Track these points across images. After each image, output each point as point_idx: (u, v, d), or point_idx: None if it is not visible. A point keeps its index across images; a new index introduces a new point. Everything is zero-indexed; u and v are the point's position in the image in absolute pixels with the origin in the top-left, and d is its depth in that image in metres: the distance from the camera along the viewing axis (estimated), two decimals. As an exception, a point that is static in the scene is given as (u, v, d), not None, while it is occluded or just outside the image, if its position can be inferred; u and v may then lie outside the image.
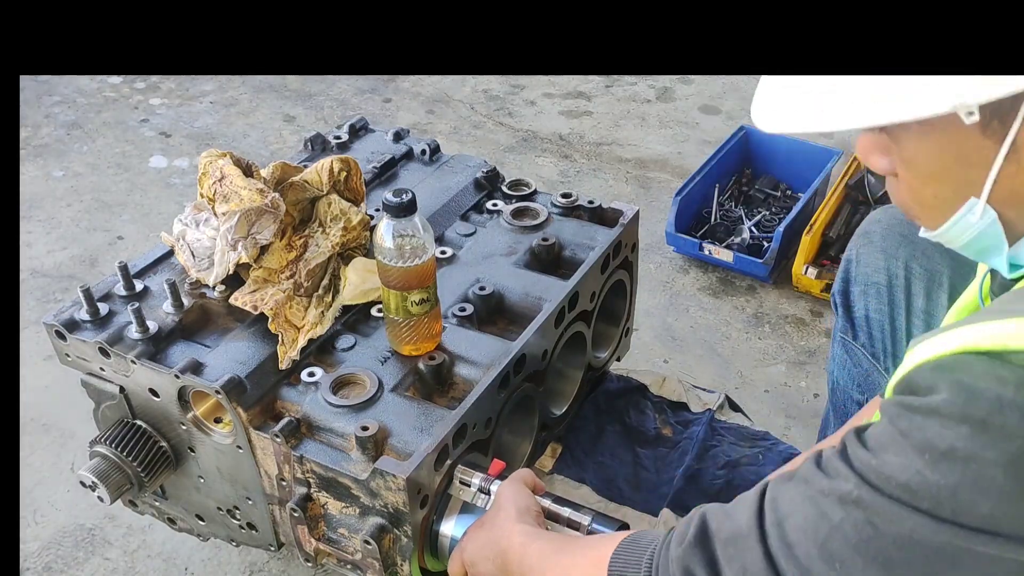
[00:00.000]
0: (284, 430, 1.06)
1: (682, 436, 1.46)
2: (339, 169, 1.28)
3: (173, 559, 1.52)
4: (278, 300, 1.16)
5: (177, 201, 2.47)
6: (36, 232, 2.36)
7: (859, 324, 1.31)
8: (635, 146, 2.74)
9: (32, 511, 1.61)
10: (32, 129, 2.83)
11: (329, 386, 1.10)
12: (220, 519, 1.26)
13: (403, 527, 1.03)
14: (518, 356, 1.15)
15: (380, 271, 1.12)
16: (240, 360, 1.12)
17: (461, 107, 2.98)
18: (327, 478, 1.05)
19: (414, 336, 1.15)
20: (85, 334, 1.17)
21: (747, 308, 2.09)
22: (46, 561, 1.53)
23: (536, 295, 1.26)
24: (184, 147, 2.75)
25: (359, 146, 1.60)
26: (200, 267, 1.23)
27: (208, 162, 1.25)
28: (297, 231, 1.25)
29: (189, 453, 1.19)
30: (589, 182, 2.56)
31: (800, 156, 2.36)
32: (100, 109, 2.95)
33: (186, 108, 2.97)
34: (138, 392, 1.17)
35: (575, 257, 1.35)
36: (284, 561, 1.50)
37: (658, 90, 3.05)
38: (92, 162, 2.67)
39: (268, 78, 3.12)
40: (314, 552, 1.14)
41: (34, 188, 2.54)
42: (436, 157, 1.59)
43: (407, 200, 1.07)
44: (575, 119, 2.89)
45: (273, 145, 2.77)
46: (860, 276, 1.29)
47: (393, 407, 1.09)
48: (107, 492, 1.17)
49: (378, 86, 3.10)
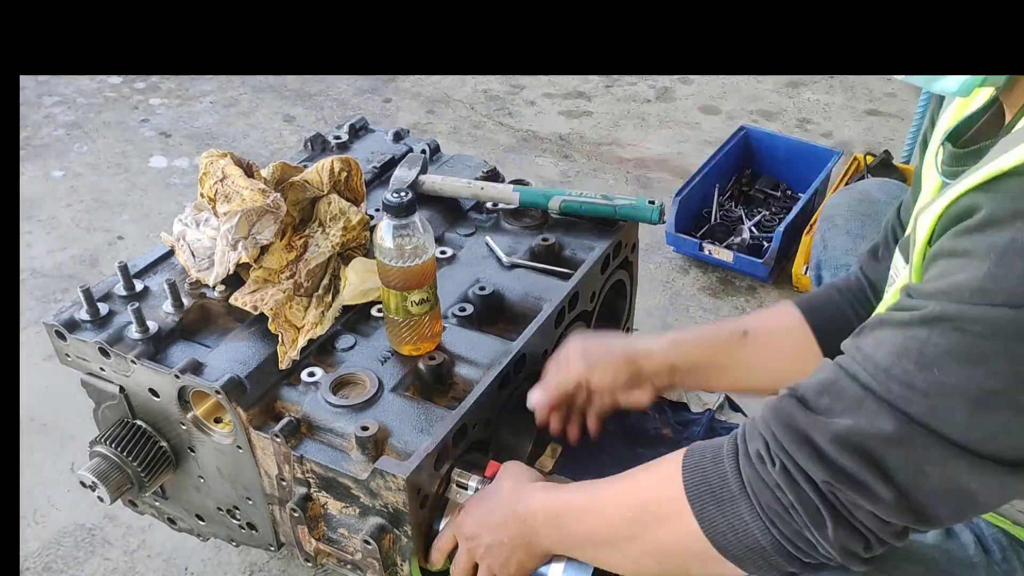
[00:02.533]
0: (284, 430, 1.06)
1: (682, 436, 1.46)
2: (340, 169, 1.28)
3: (173, 559, 1.52)
4: (278, 300, 1.16)
5: (177, 201, 2.47)
6: (36, 232, 2.36)
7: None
8: (635, 146, 2.74)
9: (32, 511, 1.61)
10: (32, 129, 2.83)
11: (329, 386, 1.10)
12: (220, 519, 1.26)
13: (403, 527, 1.03)
14: (518, 356, 1.15)
15: (380, 271, 1.12)
16: (240, 360, 1.12)
17: (461, 107, 2.98)
18: (327, 478, 1.05)
19: (414, 336, 1.15)
20: (85, 334, 1.17)
21: (747, 308, 2.09)
22: (46, 561, 1.53)
23: (536, 295, 1.26)
24: (184, 147, 2.75)
25: (359, 146, 1.60)
26: (200, 267, 1.23)
27: (209, 162, 1.25)
28: (297, 231, 1.25)
29: (189, 453, 1.19)
30: (589, 182, 2.56)
31: (800, 156, 2.36)
32: (100, 109, 2.95)
33: (186, 108, 2.97)
34: (138, 392, 1.17)
35: (575, 257, 1.35)
36: (284, 561, 1.50)
37: (658, 90, 3.05)
38: (92, 162, 2.67)
39: (268, 78, 3.12)
40: (314, 552, 1.14)
41: (34, 188, 2.54)
42: (436, 157, 1.59)
43: (407, 200, 1.07)
44: (575, 119, 2.89)
45: (273, 145, 2.77)
46: (830, 260, 1.31)
47: (393, 407, 1.09)
48: (107, 492, 1.17)
49: (378, 86, 3.10)
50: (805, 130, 2.81)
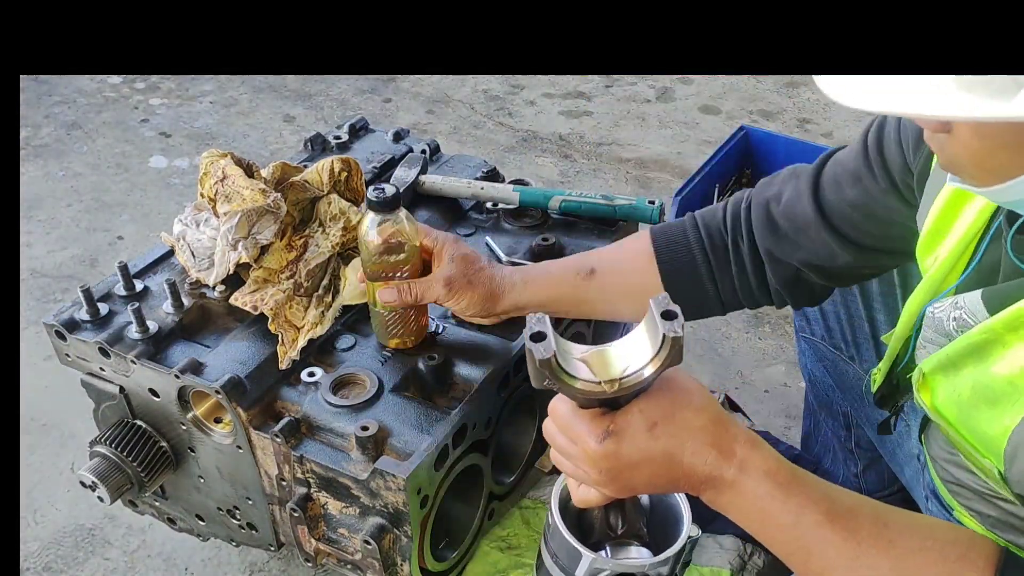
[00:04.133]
0: (284, 430, 1.06)
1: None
2: (340, 169, 1.28)
3: (173, 559, 1.52)
4: (278, 300, 1.16)
5: (177, 201, 2.47)
6: (36, 232, 2.36)
7: (814, 319, 1.32)
8: (635, 146, 2.74)
9: (32, 511, 1.61)
10: (32, 129, 2.83)
11: (329, 386, 1.10)
12: (220, 519, 1.26)
13: (403, 527, 1.03)
14: (518, 356, 1.15)
15: (365, 265, 1.13)
16: (240, 360, 1.12)
17: (461, 107, 2.98)
18: (327, 478, 1.05)
19: (400, 329, 1.15)
20: (85, 334, 1.17)
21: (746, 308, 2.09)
22: (46, 561, 1.53)
23: (536, 295, 1.26)
24: (184, 147, 2.75)
25: (359, 146, 1.60)
26: (200, 267, 1.23)
27: (210, 162, 1.25)
28: (297, 231, 1.25)
29: (189, 453, 1.19)
30: (589, 182, 2.56)
31: (800, 156, 2.35)
32: (100, 109, 2.95)
33: (186, 108, 2.97)
34: (138, 392, 1.17)
35: (575, 257, 1.35)
36: (284, 561, 1.50)
37: (658, 90, 3.05)
38: (92, 162, 2.67)
39: (268, 78, 3.12)
40: (314, 552, 1.14)
41: (34, 188, 2.54)
42: (436, 157, 1.59)
43: (391, 195, 1.07)
44: (575, 119, 2.89)
45: (273, 145, 2.77)
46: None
47: (393, 407, 1.09)
48: (107, 492, 1.17)
49: (378, 86, 3.10)
50: (805, 130, 2.81)
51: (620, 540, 0.88)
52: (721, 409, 0.79)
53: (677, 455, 0.76)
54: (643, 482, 0.79)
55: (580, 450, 0.78)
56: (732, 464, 0.76)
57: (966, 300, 0.84)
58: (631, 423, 0.76)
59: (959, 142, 0.70)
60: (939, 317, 0.87)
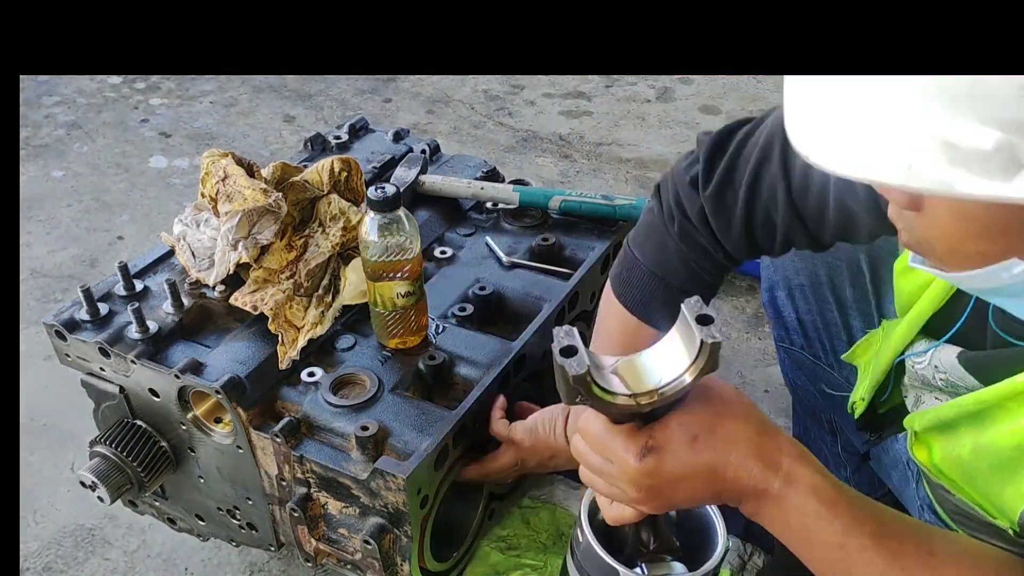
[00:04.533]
0: (284, 430, 1.06)
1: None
2: (340, 169, 1.28)
3: (173, 559, 1.52)
4: (278, 300, 1.16)
5: (177, 201, 2.47)
6: (36, 232, 2.35)
7: (792, 328, 1.30)
8: (635, 146, 2.74)
9: (32, 511, 1.61)
10: (32, 129, 2.83)
11: (329, 386, 1.10)
12: (220, 519, 1.26)
13: (403, 527, 1.03)
14: (518, 356, 1.15)
15: (365, 265, 1.13)
16: (240, 360, 1.12)
17: (461, 107, 2.98)
18: (327, 478, 1.05)
19: (400, 329, 1.15)
20: (85, 334, 1.17)
21: (747, 308, 2.09)
22: (46, 561, 1.53)
23: (536, 295, 1.26)
24: (184, 147, 2.75)
25: (359, 146, 1.60)
26: (200, 267, 1.23)
27: (211, 162, 1.25)
28: (297, 231, 1.25)
29: (189, 453, 1.19)
30: (589, 182, 2.56)
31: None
32: (100, 109, 2.95)
33: (186, 108, 2.97)
34: (138, 392, 1.17)
35: (575, 257, 1.35)
36: (284, 561, 1.50)
37: (658, 90, 3.05)
38: (92, 162, 2.67)
39: (268, 78, 3.12)
40: (314, 552, 1.14)
41: (34, 188, 2.54)
42: (436, 157, 1.59)
43: (391, 194, 1.07)
44: (575, 119, 2.89)
45: (273, 145, 2.77)
46: (781, 281, 1.27)
47: (393, 407, 1.09)
48: (107, 492, 1.17)
49: (378, 86, 3.10)
50: (805, 130, 2.80)
51: (654, 555, 0.83)
52: (764, 417, 0.76)
53: (721, 469, 0.73)
54: (685, 498, 0.76)
55: (618, 469, 0.74)
56: (778, 477, 0.73)
57: (942, 360, 0.82)
58: (671, 438, 0.72)
59: (931, 222, 0.64)
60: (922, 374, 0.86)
